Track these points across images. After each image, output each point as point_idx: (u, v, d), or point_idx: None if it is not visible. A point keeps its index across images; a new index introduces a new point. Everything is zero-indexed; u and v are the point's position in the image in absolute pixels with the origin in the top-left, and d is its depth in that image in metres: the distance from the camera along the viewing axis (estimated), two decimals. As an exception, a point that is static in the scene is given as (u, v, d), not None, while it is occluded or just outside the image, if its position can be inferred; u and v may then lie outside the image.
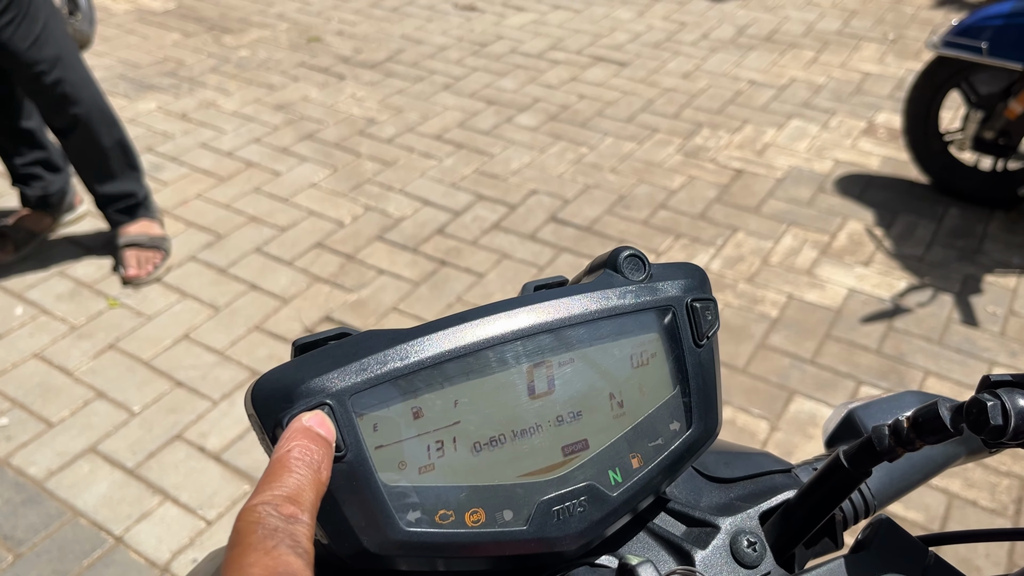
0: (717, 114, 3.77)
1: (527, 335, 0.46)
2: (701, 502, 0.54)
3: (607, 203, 3.12)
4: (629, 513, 0.48)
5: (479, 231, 2.96)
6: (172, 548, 1.89)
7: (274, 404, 0.41)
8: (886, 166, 3.38)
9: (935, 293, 2.68)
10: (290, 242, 2.90)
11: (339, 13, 4.88)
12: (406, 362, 0.43)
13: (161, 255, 2.73)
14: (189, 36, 4.55)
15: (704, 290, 0.51)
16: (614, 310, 0.48)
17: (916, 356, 2.43)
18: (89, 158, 2.64)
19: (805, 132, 3.63)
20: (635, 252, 0.50)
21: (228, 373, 2.36)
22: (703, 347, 0.50)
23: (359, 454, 0.42)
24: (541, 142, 3.53)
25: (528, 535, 0.45)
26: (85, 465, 2.08)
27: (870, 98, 3.91)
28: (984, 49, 2.76)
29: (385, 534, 0.42)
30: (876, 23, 4.78)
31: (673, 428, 0.49)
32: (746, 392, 2.31)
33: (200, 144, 3.49)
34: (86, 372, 2.36)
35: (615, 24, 4.76)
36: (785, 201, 3.15)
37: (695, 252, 2.85)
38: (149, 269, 2.69)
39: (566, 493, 0.46)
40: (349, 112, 3.76)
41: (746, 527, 0.51)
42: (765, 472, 0.58)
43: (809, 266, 2.80)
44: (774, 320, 2.56)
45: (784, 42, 4.52)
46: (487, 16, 4.86)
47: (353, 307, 2.60)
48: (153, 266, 2.70)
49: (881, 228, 3.00)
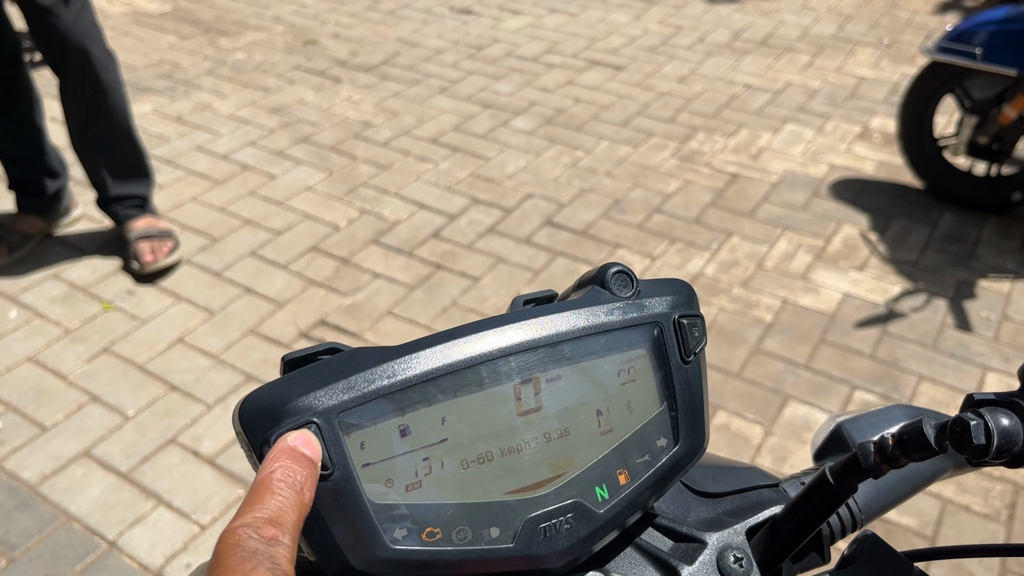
0: (712, 118, 3.78)
1: (515, 352, 0.46)
2: (689, 517, 0.54)
3: (602, 207, 3.12)
4: (616, 529, 0.48)
5: (474, 235, 2.96)
6: (165, 553, 1.89)
7: (261, 422, 0.42)
8: (881, 171, 3.39)
9: (929, 298, 2.69)
10: (285, 246, 2.89)
11: (335, 16, 4.89)
12: (393, 380, 0.43)
13: (172, 243, 2.77)
14: (185, 39, 4.55)
15: (691, 306, 0.51)
16: (602, 327, 0.48)
17: (910, 361, 2.44)
18: (106, 151, 2.70)
19: (800, 136, 3.63)
20: (623, 268, 0.50)
21: (222, 377, 2.36)
22: (690, 363, 0.50)
23: (346, 472, 0.42)
24: (537, 146, 3.53)
25: (515, 552, 0.45)
26: (78, 469, 2.08)
27: (865, 103, 3.92)
28: (978, 55, 2.77)
29: (372, 552, 0.42)
30: (871, 28, 4.80)
31: (660, 444, 0.49)
32: (740, 397, 2.31)
33: (195, 147, 3.49)
34: (80, 376, 2.35)
35: (611, 28, 4.76)
36: (780, 205, 3.16)
37: (690, 256, 2.86)
38: (165, 251, 2.73)
39: (553, 510, 0.46)
40: (345, 115, 3.76)
41: (733, 542, 0.52)
42: (753, 487, 0.58)
43: (804, 271, 2.81)
44: (768, 325, 2.57)
45: (779, 46, 4.53)
46: (483, 20, 4.87)
47: (348, 311, 2.60)
48: (168, 250, 2.74)
49: (875, 233, 3.01)
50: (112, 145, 2.71)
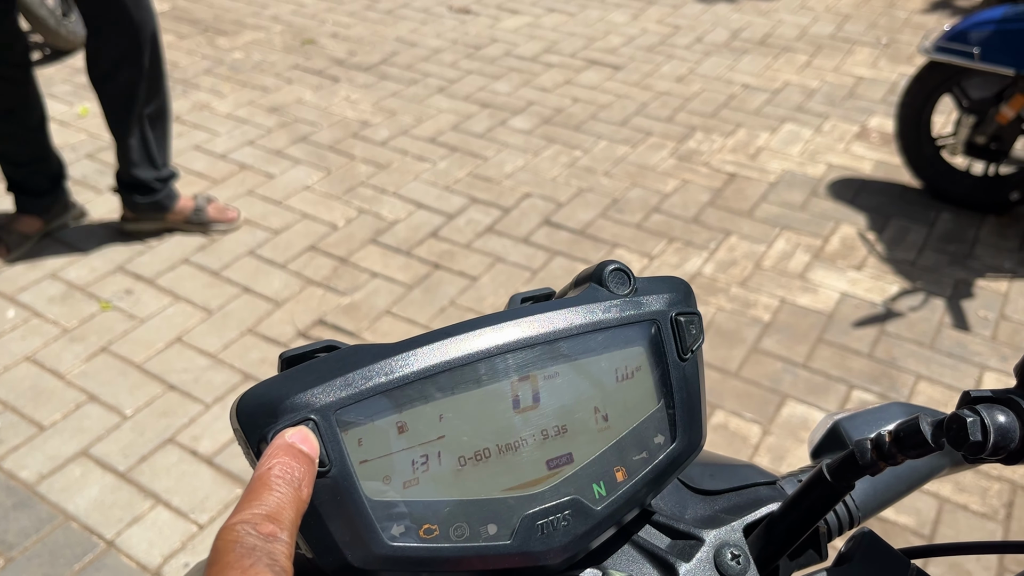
0: (710, 118, 3.78)
1: (512, 349, 0.46)
2: (686, 514, 0.54)
3: (600, 207, 3.12)
4: (614, 526, 0.48)
5: (472, 234, 2.96)
6: (164, 552, 1.89)
7: (259, 419, 0.42)
8: (879, 170, 3.39)
9: (927, 297, 2.69)
10: (283, 245, 2.89)
11: (333, 16, 4.88)
12: (391, 377, 0.43)
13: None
14: (183, 38, 4.54)
15: (689, 304, 0.51)
16: (599, 324, 0.48)
17: (908, 360, 2.44)
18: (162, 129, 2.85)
19: (798, 136, 3.64)
20: (620, 266, 0.50)
21: (221, 376, 2.36)
22: (687, 361, 0.50)
23: (343, 469, 0.42)
24: (535, 145, 3.53)
25: (512, 549, 0.45)
26: (76, 469, 2.08)
27: (863, 102, 3.93)
28: (976, 54, 2.78)
29: (369, 548, 0.42)
30: (869, 27, 4.80)
31: (658, 441, 0.49)
32: (738, 396, 2.31)
33: (194, 146, 3.49)
34: (78, 375, 2.35)
35: (609, 28, 4.77)
36: (778, 205, 3.16)
37: (688, 256, 2.86)
38: (233, 213, 2.99)
39: (550, 507, 0.46)
40: (343, 115, 3.76)
41: (730, 540, 0.52)
42: (750, 484, 0.58)
43: (802, 270, 2.81)
44: (766, 324, 2.57)
45: (778, 46, 4.54)
46: (481, 19, 4.87)
47: (346, 310, 2.60)
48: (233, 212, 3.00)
49: (873, 232, 3.01)
50: (164, 124, 2.84)
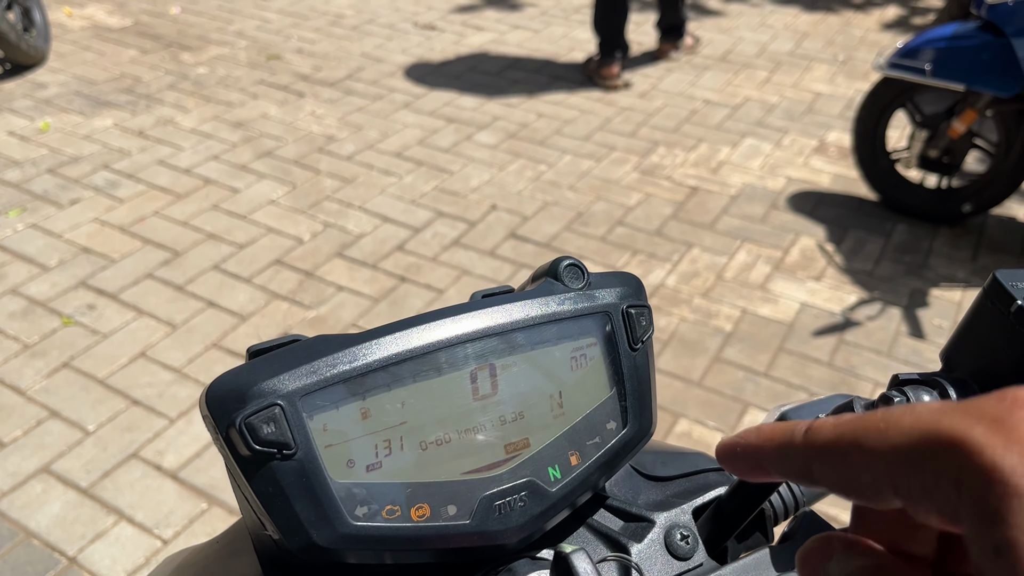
0: (673, 133, 3.84)
1: (472, 339, 0.48)
2: (639, 499, 0.57)
3: (565, 220, 3.16)
4: (568, 508, 0.51)
5: (439, 247, 2.98)
6: (127, 568, 1.87)
7: (227, 405, 0.43)
8: (837, 183, 3.47)
9: (884, 307, 2.76)
10: (248, 259, 2.89)
11: (299, 31, 4.89)
12: (354, 365, 0.45)
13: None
14: (146, 53, 4.53)
15: (639, 297, 0.54)
16: (554, 316, 0.51)
17: (866, 368, 2.50)
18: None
19: (758, 150, 3.71)
20: (574, 262, 0.53)
21: (185, 391, 2.34)
22: (638, 351, 0.53)
23: (309, 452, 0.44)
24: (500, 159, 3.56)
25: (471, 529, 0.47)
26: (38, 485, 2.05)
27: (821, 117, 4.02)
28: (928, 70, 2.86)
29: (334, 528, 0.44)
30: (827, 45, 4.91)
31: (610, 427, 0.52)
32: (701, 405, 2.35)
33: (157, 161, 3.47)
34: (39, 391, 2.33)
35: (573, 44, 4.83)
36: (739, 218, 3.22)
37: (651, 268, 2.90)
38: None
39: (507, 488, 0.48)
40: (308, 129, 3.76)
41: (680, 522, 0.54)
42: (700, 471, 0.61)
43: (762, 281, 2.86)
44: (728, 334, 2.62)
45: (738, 62, 4.63)
46: (447, 35, 4.91)
47: (312, 324, 2.60)
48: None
49: (832, 244, 3.08)
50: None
